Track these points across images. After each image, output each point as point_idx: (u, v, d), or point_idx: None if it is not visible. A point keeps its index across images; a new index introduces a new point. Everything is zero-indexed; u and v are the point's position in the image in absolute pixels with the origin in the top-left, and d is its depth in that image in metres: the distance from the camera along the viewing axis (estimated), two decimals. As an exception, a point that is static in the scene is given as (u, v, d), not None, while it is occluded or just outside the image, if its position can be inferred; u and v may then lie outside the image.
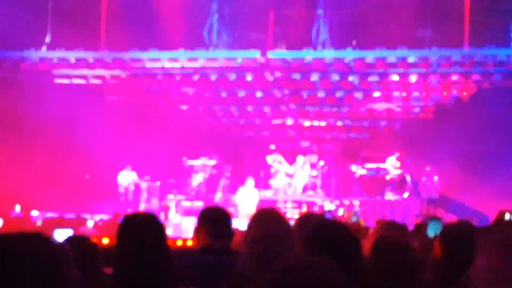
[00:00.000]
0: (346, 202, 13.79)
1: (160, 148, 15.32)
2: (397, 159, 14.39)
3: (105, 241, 8.52)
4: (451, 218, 11.23)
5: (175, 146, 15.56)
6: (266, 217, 3.13)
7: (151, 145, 15.16)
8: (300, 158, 14.93)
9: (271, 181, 15.09)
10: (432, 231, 5.13)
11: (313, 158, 15.18)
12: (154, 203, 14.85)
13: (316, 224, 2.75)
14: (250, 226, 3.10)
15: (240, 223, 7.72)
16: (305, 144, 16.06)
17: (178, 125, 16.13)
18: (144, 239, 2.47)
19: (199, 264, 3.30)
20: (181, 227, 12.75)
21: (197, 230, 3.46)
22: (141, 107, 15.54)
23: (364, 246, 2.90)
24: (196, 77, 14.41)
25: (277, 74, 14.06)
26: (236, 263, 3.02)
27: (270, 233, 2.95)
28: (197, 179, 15.19)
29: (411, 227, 5.96)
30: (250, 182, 13.72)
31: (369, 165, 14.78)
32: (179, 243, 9.28)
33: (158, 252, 2.51)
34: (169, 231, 11.93)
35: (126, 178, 14.86)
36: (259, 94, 14.87)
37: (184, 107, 16.08)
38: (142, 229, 2.51)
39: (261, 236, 2.96)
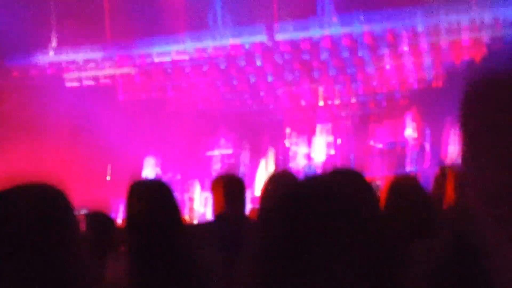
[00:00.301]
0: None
1: (178, 141, 15.34)
2: (414, 130, 14.26)
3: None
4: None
5: (192, 139, 15.56)
6: (281, 177, 3.12)
7: (168, 140, 15.19)
8: (317, 134, 14.85)
9: (291, 164, 15.05)
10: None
11: (329, 138, 15.09)
12: (177, 197, 14.86)
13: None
14: (265, 186, 3.08)
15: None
16: (321, 124, 15.98)
17: (192, 117, 16.13)
18: (153, 200, 2.46)
19: (215, 230, 3.29)
20: (205, 217, 12.79)
21: (212, 199, 3.46)
22: (154, 102, 15.56)
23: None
24: (205, 68, 14.41)
25: (286, 56, 14.00)
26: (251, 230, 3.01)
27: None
28: (216, 170, 15.21)
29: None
30: (271, 155, 13.81)
31: (386, 139, 14.66)
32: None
33: (168, 214, 2.50)
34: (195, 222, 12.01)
35: (151, 174, 14.87)
36: (270, 78, 14.82)
37: (196, 99, 16.08)
38: (151, 191, 2.51)
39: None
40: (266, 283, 1.20)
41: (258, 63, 14.18)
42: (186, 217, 9.09)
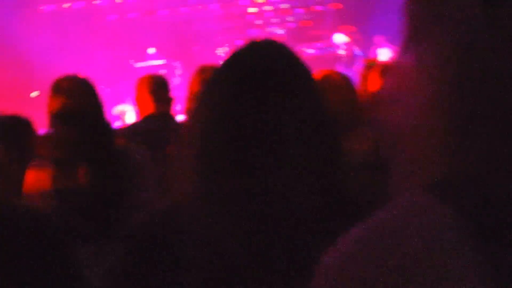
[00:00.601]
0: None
1: (105, 54, 14.86)
2: (345, 34, 14.29)
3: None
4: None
5: (120, 50, 15.12)
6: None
7: (96, 53, 14.69)
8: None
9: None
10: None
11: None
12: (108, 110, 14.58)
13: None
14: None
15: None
16: (253, 31, 15.79)
17: (119, 28, 15.60)
18: (77, 94, 2.34)
19: (144, 130, 3.22)
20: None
21: (137, 100, 3.34)
22: (77, 14, 14.91)
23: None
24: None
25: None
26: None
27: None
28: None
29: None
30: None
31: (317, 44, 14.67)
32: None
33: (94, 108, 2.39)
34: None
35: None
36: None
37: (124, 7, 15.49)
38: (75, 85, 2.38)
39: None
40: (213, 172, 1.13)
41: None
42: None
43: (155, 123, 3.13)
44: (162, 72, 14.78)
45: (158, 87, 3.23)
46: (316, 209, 1.10)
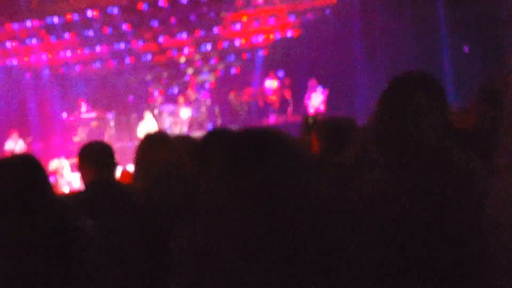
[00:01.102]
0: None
1: (37, 108, 14.76)
2: (274, 81, 14.59)
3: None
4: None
5: (52, 104, 15.03)
6: (154, 140, 3.20)
7: (27, 107, 14.57)
8: (180, 99, 14.76)
9: (157, 123, 15.00)
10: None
11: (192, 94, 14.97)
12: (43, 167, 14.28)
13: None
14: (139, 149, 3.17)
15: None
16: (184, 79, 16.04)
17: (48, 80, 15.51)
18: (20, 177, 2.44)
19: (87, 198, 3.31)
20: (73, 183, 12.50)
21: (80, 169, 3.44)
22: (9, 70, 14.77)
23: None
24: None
25: (145, 13, 13.81)
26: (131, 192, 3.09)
27: (160, 156, 3.04)
28: (80, 135, 14.71)
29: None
30: (148, 115, 13.79)
31: (247, 92, 14.97)
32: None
33: (38, 190, 2.49)
34: (66, 190, 11.67)
35: (12, 146, 14.09)
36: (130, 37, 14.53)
37: (55, 62, 15.45)
38: (17, 169, 2.47)
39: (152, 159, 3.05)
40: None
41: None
42: (54, 185, 8.87)
43: (99, 192, 3.25)
44: (94, 124, 14.75)
45: (100, 156, 3.36)
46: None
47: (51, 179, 8.51)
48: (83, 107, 14.72)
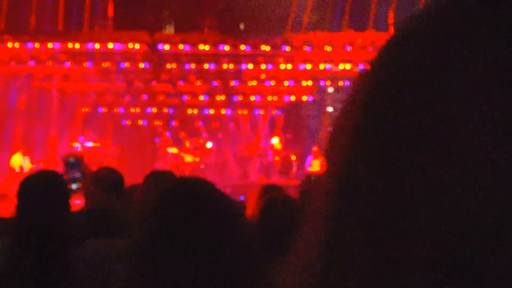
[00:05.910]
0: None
1: (49, 133, 14.91)
2: (280, 141, 14.66)
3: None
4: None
5: (63, 131, 15.14)
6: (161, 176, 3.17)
7: (40, 130, 14.69)
8: (186, 143, 14.83)
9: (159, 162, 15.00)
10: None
11: (198, 141, 15.04)
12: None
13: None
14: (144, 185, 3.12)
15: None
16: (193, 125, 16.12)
17: (61, 110, 15.69)
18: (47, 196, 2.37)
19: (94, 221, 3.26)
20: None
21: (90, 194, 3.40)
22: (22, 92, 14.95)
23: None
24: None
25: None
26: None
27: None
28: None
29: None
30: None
31: (254, 149, 15.03)
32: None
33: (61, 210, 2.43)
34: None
35: (17, 162, 13.92)
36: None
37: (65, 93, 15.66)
38: (45, 186, 2.41)
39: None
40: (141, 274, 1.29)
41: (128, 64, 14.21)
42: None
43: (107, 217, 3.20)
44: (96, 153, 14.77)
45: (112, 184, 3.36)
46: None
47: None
48: (88, 136, 14.76)
